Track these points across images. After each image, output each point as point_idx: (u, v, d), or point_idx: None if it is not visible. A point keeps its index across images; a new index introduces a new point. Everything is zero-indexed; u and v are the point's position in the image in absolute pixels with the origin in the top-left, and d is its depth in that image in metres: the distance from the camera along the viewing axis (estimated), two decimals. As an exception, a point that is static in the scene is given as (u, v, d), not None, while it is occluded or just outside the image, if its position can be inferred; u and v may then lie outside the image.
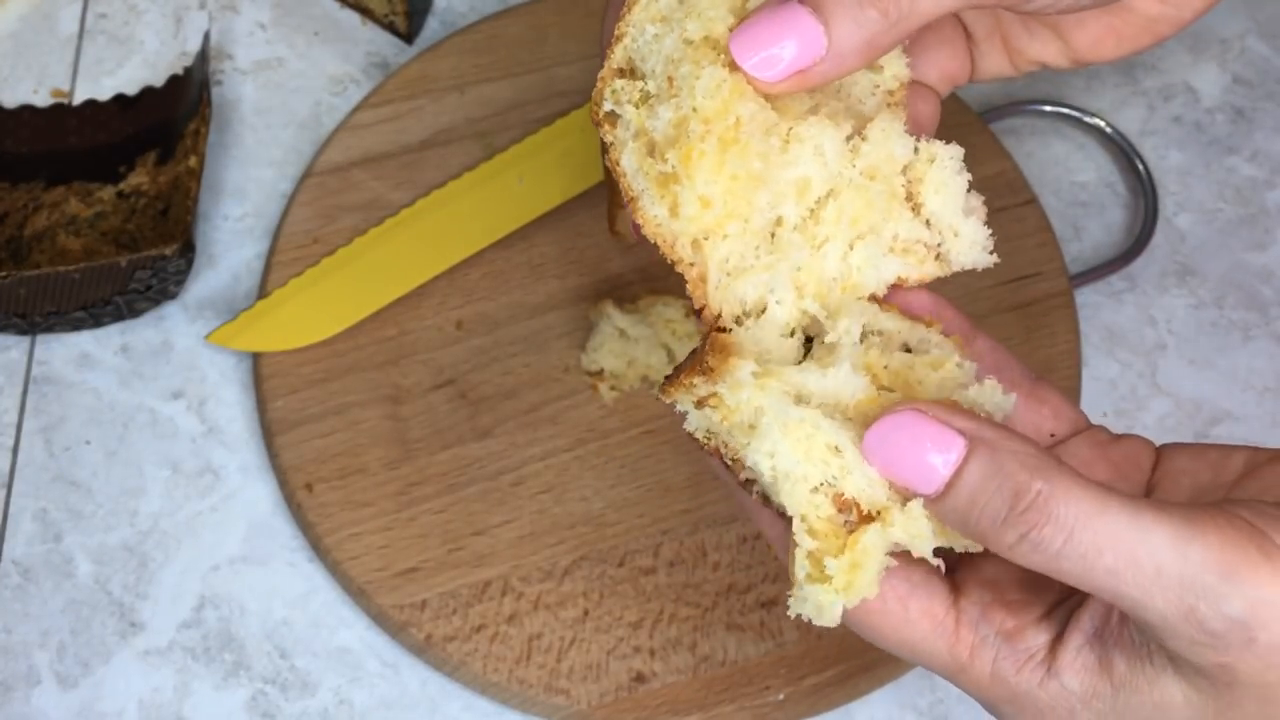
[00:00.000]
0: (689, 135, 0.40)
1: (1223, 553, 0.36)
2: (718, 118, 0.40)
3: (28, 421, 0.64)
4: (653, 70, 0.41)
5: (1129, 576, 0.36)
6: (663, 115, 0.41)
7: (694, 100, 0.40)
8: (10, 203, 0.68)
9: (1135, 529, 0.36)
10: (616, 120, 0.42)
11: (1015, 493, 0.37)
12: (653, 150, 0.41)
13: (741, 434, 0.41)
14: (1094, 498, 0.37)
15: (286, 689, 0.59)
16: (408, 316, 0.66)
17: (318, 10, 0.76)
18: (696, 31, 0.41)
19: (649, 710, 0.58)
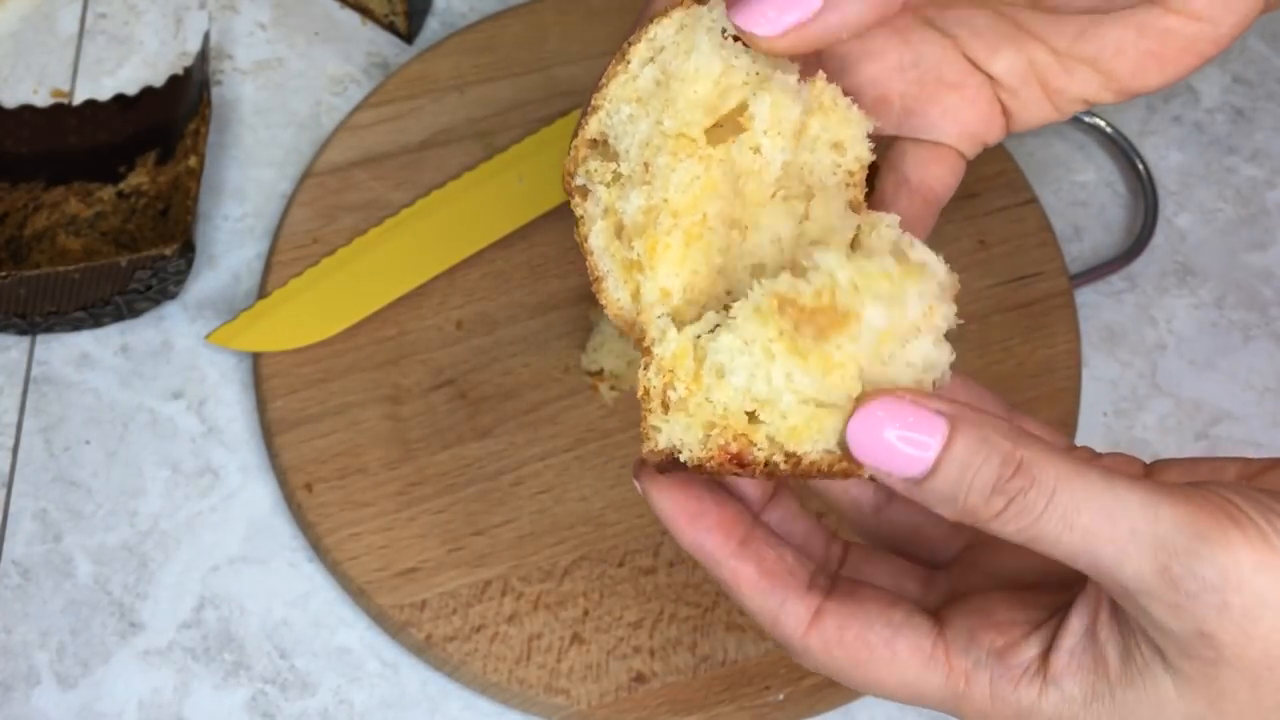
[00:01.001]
0: (657, 226, 0.41)
1: (1193, 517, 0.37)
2: (687, 212, 0.41)
3: (28, 421, 0.64)
4: (626, 151, 0.41)
5: (1105, 534, 0.37)
6: (634, 200, 0.41)
7: (666, 192, 0.41)
8: (10, 203, 0.68)
9: (1109, 491, 0.37)
10: (587, 193, 0.42)
11: (1002, 461, 0.37)
12: (620, 231, 0.42)
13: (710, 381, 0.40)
14: (1070, 462, 0.37)
15: (286, 689, 0.59)
16: (408, 316, 0.66)
17: (318, 10, 0.76)
18: (673, 128, 0.41)
19: (649, 710, 0.58)
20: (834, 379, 0.38)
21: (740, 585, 0.43)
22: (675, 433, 0.41)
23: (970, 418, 0.38)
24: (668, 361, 0.40)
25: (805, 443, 0.39)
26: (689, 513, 0.43)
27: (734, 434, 0.40)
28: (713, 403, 0.40)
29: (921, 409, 0.38)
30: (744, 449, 0.40)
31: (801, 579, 0.43)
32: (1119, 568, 0.37)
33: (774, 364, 0.39)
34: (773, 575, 0.42)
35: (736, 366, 0.39)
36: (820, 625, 0.42)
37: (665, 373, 0.40)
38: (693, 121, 0.41)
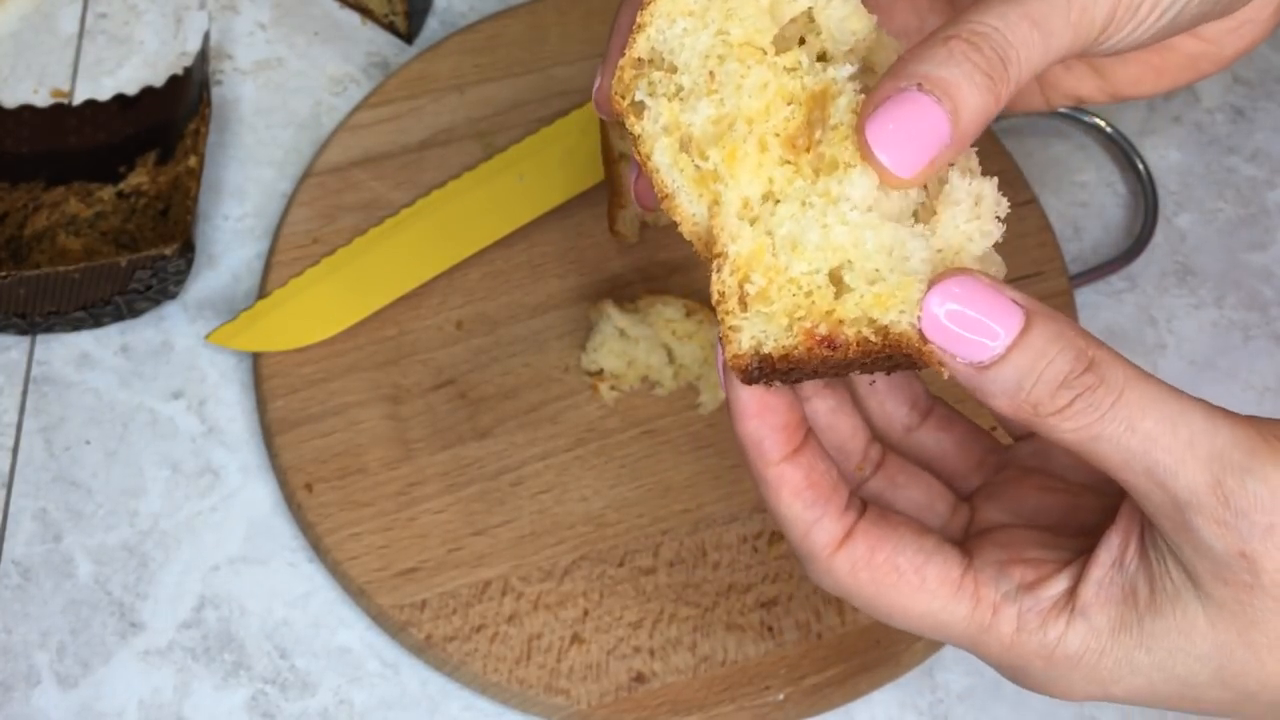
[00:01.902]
0: (733, 134, 0.40)
1: (1251, 438, 0.38)
2: (761, 118, 0.40)
3: (28, 421, 0.64)
4: (686, 64, 0.41)
5: (1166, 442, 0.37)
6: (702, 110, 0.40)
7: (739, 99, 0.40)
8: (10, 203, 0.68)
9: (1174, 400, 0.38)
10: (643, 111, 0.41)
11: (1076, 355, 0.38)
12: (686, 144, 0.41)
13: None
14: (1135, 369, 0.38)
15: (286, 689, 0.59)
16: (408, 316, 0.66)
17: (318, 10, 0.76)
18: (739, 35, 0.41)
19: (649, 710, 0.58)
20: (902, 196, 0.39)
21: (782, 491, 0.42)
22: (757, 327, 0.40)
23: (1046, 310, 0.38)
24: (744, 256, 0.40)
25: (892, 310, 0.39)
26: (759, 404, 0.42)
27: (820, 313, 0.39)
28: (795, 281, 0.39)
29: (999, 293, 0.38)
30: (833, 329, 0.39)
31: (842, 497, 0.42)
32: (1173, 476, 0.37)
33: (844, 189, 0.39)
34: (817, 487, 0.42)
35: (807, 224, 0.39)
36: (851, 545, 0.42)
37: (740, 268, 0.40)
38: (761, 29, 0.41)
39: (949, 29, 0.38)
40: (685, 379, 0.64)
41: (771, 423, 0.42)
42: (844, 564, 0.42)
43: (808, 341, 0.39)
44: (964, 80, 0.38)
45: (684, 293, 0.65)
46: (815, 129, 0.40)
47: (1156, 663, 0.40)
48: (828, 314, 0.39)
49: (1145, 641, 0.40)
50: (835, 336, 0.39)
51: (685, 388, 0.64)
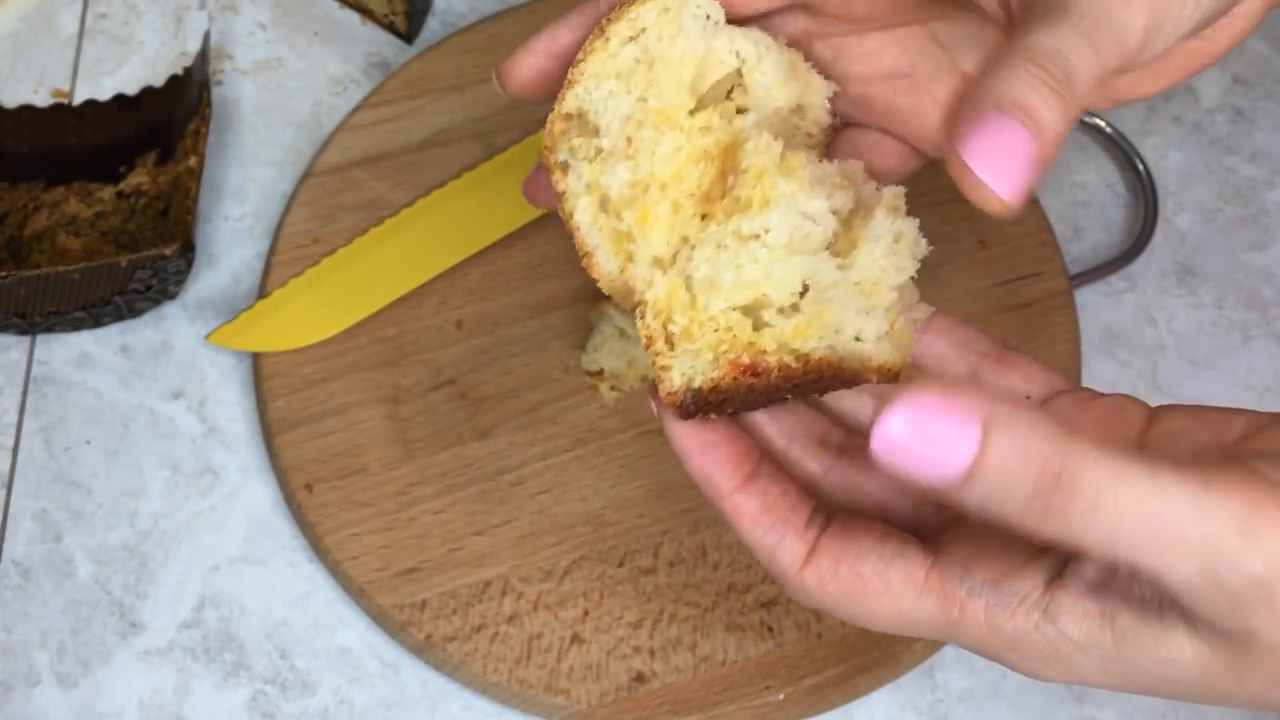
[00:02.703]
0: (646, 198, 0.42)
1: (1243, 509, 0.36)
2: (674, 182, 0.42)
3: (28, 421, 0.64)
4: (607, 126, 0.43)
5: (1152, 544, 0.36)
6: (619, 174, 0.43)
7: (653, 165, 0.42)
8: (10, 203, 0.68)
9: (1156, 494, 0.36)
10: (568, 169, 0.43)
11: (1039, 472, 0.35)
12: (605, 205, 0.43)
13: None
14: (1113, 464, 0.36)
15: (286, 689, 0.59)
16: (408, 316, 0.66)
17: (318, 10, 0.76)
18: (656, 105, 0.43)
19: (649, 710, 0.58)
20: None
21: (741, 519, 0.43)
22: (685, 364, 0.42)
23: (1006, 416, 0.36)
24: (662, 301, 0.42)
25: (810, 338, 0.41)
26: (700, 442, 0.43)
27: (742, 345, 0.42)
28: (714, 319, 0.42)
29: (953, 410, 0.35)
30: (754, 358, 0.42)
31: (801, 516, 0.43)
32: (1164, 571, 0.36)
33: (761, 224, 0.41)
34: (773, 511, 0.43)
35: (722, 265, 0.41)
36: (815, 561, 0.43)
37: (661, 312, 0.42)
38: (678, 103, 0.43)
39: (1011, 54, 0.39)
40: (685, 379, 0.64)
41: (716, 458, 0.44)
42: (812, 579, 0.43)
43: (733, 371, 0.42)
44: (1040, 101, 0.38)
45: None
46: (728, 176, 0.42)
47: (1134, 669, 0.40)
48: (749, 345, 0.42)
49: (1121, 660, 0.40)
50: (758, 364, 0.42)
51: (685, 388, 0.64)
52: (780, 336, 0.42)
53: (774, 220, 0.41)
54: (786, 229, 0.41)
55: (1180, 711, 0.59)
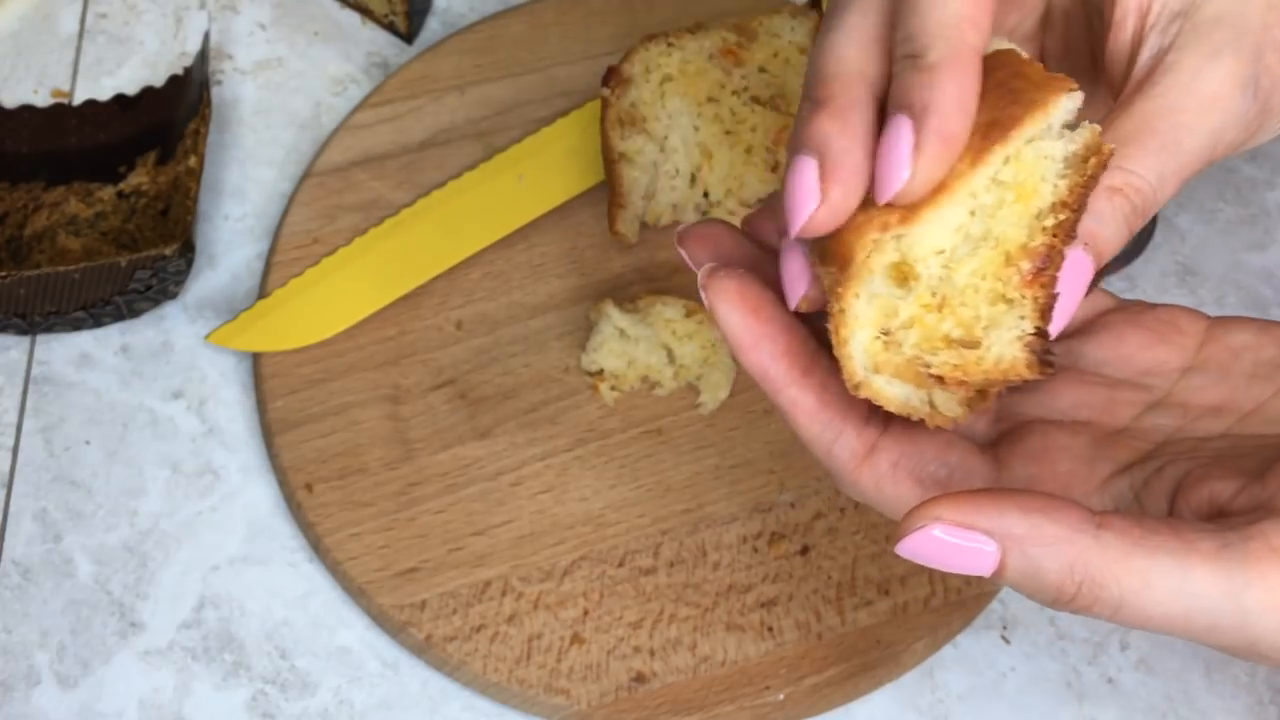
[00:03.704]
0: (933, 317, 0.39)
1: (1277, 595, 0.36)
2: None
3: (28, 421, 0.64)
4: (929, 278, 0.39)
5: (1187, 630, 0.37)
6: (911, 314, 0.39)
7: (960, 300, 0.39)
8: (10, 203, 0.68)
9: (1185, 592, 0.36)
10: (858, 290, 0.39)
11: (1061, 583, 0.37)
12: (886, 332, 0.40)
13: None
14: (1137, 570, 0.36)
15: (286, 689, 0.59)
16: (408, 316, 0.66)
17: (318, 10, 0.76)
18: (998, 249, 0.39)
19: (649, 710, 0.58)
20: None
21: (798, 415, 0.42)
22: (1000, 336, 0.39)
23: (1019, 537, 0.37)
24: (930, 318, 0.39)
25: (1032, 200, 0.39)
26: (755, 335, 0.41)
27: (1003, 266, 0.39)
28: (971, 285, 0.39)
29: (966, 541, 0.37)
30: (1031, 256, 0.39)
31: (860, 412, 0.42)
32: (1211, 640, 0.37)
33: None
34: (831, 407, 0.42)
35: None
36: (873, 461, 0.42)
37: (932, 330, 0.39)
38: (1021, 240, 0.39)
39: (1116, 175, 0.39)
40: (685, 379, 0.64)
41: (771, 351, 0.41)
42: (869, 480, 0.42)
43: (1033, 288, 0.39)
44: (1114, 235, 0.39)
45: (684, 293, 0.65)
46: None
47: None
48: (1011, 257, 0.39)
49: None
50: (1038, 257, 0.39)
51: (685, 388, 0.64)
52: (1019, 224, 0.39)
53: (989, 169, 0.39)
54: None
55: (1179, 711, 0.59)
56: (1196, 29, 0.41)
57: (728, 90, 0.66)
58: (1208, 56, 0.41)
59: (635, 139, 0.66)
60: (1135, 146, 0.40)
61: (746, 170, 0.66)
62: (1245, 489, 0.39)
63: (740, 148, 0.66)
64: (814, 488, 0.62)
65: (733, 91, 0.67)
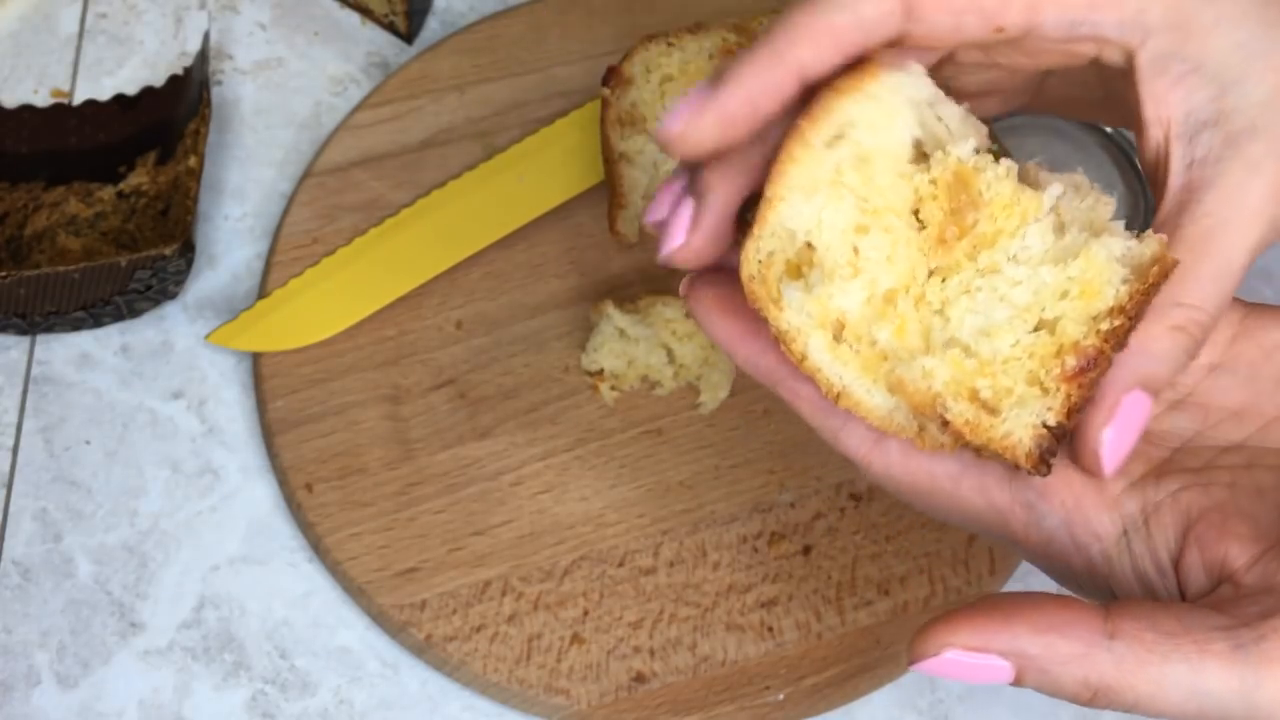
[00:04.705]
0: (892, 309, 0.39)
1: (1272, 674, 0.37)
2: (913, 276, 0.39)
3: (28, 421, 0.64)
4: (826, 245, 0.38)
5: (1198, 719, 0.37)
6: (853, 295, 0.39)
7: (892, 270, 0.39)
8: (10, 203, 0.68)
9: (1199, 692, 0.37)
10: (779, 302, 0.39)
11: (1074, 697, 0.38)
12: (839, 333, 0.39)
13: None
14: (1152, 678, 0.37)
15: (286, 689, 0.59)
16: (408, 316, 0.66)
17: (318, 10, 0.76)
18: (879, 203, 0.39)
19: (649, 710, 0.58)
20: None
21: (801, 404, 0.42)
22: (1023, 418, 0.39)
23: (1033, 659, 0.37)
24: (952, 381, 0.39)
25: (1096, 301, 0.39)
26: (739, 333, 0.42)
27: (1054, 357, 0.39)
28: (1013, 358, 0.39)
29: (982, 663, 0.37)
30: (1078, 354, 0.39)
31: None
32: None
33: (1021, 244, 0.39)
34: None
35: (986, 306, 0.39)
36: (884, 447, 0.42)
37: (961, 392, 0.39)
38: (901, 196, 0.39)
39: (1177, 313, 0.40)
40: (685, 379, 0.64)
41: (758, 346, 0.42)
42: (879, 467, 0.42)
43: (1071, 383, 0.39)
44: (1173, 373, 0.40)
45: (684, 293, 0.65)
46: (966, 214, 0.39)
47: None
48: (1061, 351, 0.39)
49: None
50: (1085, 358, 0.39)
51: (685, 388, 0.64)
52: (1079, 320, 0.38)
53: (1032, 236, 0.38)
54: (1042, 241, 0.38)
55: (1180, 711, 0.59)
56: (1233, 141, 0.41)
57: (728, 90, 0.66)
58: (1249, 170, 0.41)
59: (635, 139, 0.66)
60: (1190, 277, 0.40)
61: (746, 170, 0.66)
62: (1260, 561, 0.39)
63: (740, 148, 0.66)
64: (814, 488, 0.62)
65: (733, 91, 0.66)
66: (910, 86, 0.39)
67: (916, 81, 0.40)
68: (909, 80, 0.39)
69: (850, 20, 0.39)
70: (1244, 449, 0.42)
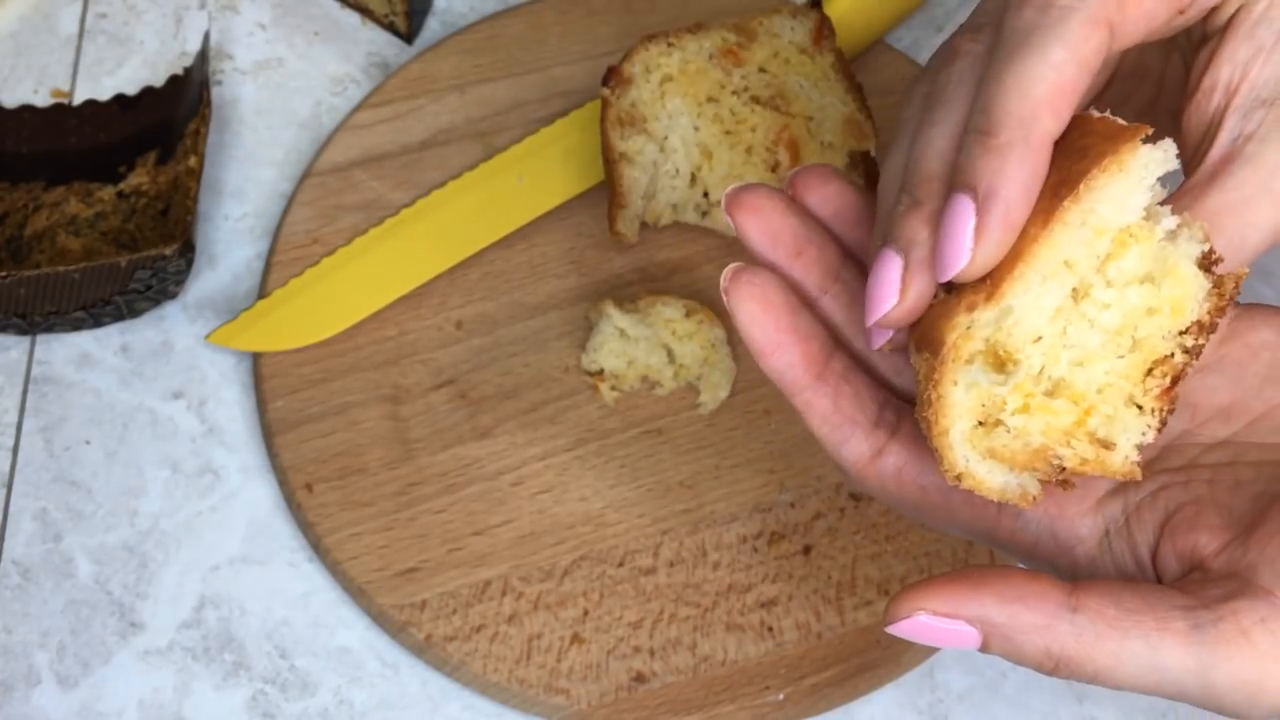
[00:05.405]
0: (1047, 403, 0.39)
1: (1246, 676, 0.37)
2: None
3: (28, 421, 0.64)
4: (1026, 355, 0.38)
5: (1154, 693, 0.38)
6: (1014, 399, 0.39)
7: (1072, 375, 0.39)
8: (10, 203, 0.68)
9: (1155, 667, 0.38)
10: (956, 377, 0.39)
11: (1036, 665, 0.39)
12: (985, 420, 0.40)
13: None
14: (1111, 651, 0.38)
15: (286, 689, 0.59)
16: (408, 316, 0.66)
17: (318, 10, 0.76)
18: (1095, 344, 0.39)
19: (649, 710, 0.58)
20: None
21: (811, 417, 0.44)
22: (1129, 440, 0.40)
23: (999, 626, 0.39)
24: (1072, 426, 0.39)
25: (1185, 306, 0.39)
26: (774, 342, 0.43)
27: (1145, 374, 0.39)
28: (1106, 384, 0.39)
29: (950, 628, 0.39)
30: (1167, 369, 0.40)
31: (869, 414, 0.44)
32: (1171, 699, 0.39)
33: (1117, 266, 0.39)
34: (843, 411, 0.43)
35: (1077, 334, 0.39)
36: (879, 464, 0.43)
37: (1072, 432, 0.39)
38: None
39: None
40: (685, 379, 0.64)
41: (789, 359, 0.43)
42: (874, 481, 0.44)
43: (1165, 399, 0.39)
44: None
45: (684, 293, 0.65)
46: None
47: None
48: (1152, 368, 0.39)
49: None
50: (1175, 372, 0.39)
51: (685, 388, 0.64)
52: (1165, 332, 0.39)
53: (1130, 259, 0.38)
54: (1140, 264, 0.38)
55: (1180, 710, 0.59)
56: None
57: (728, 90, 0.67)
58: None
59: (635, 139, 0.66)
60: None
61: (746, 170, 0.66)
62: (1227, 548, 0.40)
63: (740, 148, 0.66)
64: (814, 488, 0.62)
65: (733, 91, 0.67)
66: (1159, 156, 0.39)
67: (1166, 153, 0.39)
68: (1157, 153, 0.39)
69: (1074, 72, 0.38)
70: (1228, 445, 0.43)
